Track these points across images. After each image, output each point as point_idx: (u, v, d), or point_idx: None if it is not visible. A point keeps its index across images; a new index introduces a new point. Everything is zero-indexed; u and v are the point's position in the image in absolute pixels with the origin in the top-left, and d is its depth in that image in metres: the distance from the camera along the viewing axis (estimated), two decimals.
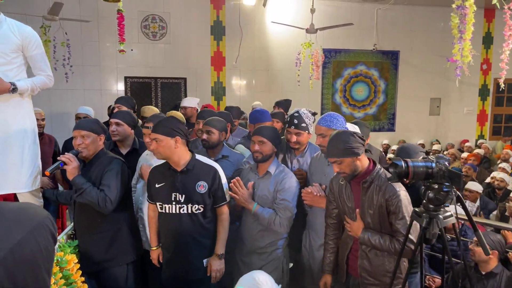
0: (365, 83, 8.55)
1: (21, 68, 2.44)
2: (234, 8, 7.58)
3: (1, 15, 2.38)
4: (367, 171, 2.01)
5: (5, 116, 2.38)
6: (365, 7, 8.12)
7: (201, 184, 2.33)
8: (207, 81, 7.67)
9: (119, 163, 2.39)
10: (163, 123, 2.28)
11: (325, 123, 2.39)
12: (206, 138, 2.79)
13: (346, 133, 1.96)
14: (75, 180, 2.25)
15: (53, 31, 5.99)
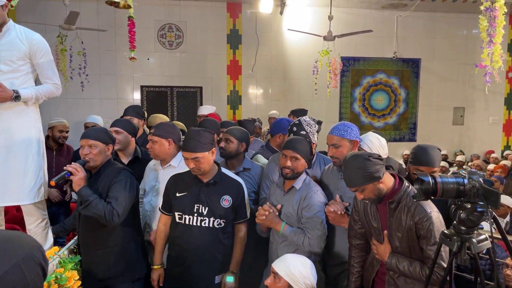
0: (385, 92, 8.31)
1: (28, 76, 2.39)
2: (250, 16, 7.51)
3: (10, 22, 2.34)
4: (393, 190, 1.83)
5: (9, 124, 2.32)
6: (384, 14, 7.92)
7: (226, 198, 2.26)
8: (223, 90, 7.59)
9: (128, 174, 2.28)
10: (198, 139, 2.20)
11: (338, 132, 2.25)
12: (224, 147, 2.68)
13: (361, 158, 1.79)
14: (81, 191, 2.15)
15: (69, 40, 6.02)
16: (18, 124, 2.34)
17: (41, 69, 2.41)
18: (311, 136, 2.52)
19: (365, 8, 7.76)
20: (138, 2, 7.05)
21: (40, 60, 2.37)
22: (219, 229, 2.25)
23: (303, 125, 2.52)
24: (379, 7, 7.71)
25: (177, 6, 7.25)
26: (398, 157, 8.22)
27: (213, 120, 3.03)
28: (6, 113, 2.32)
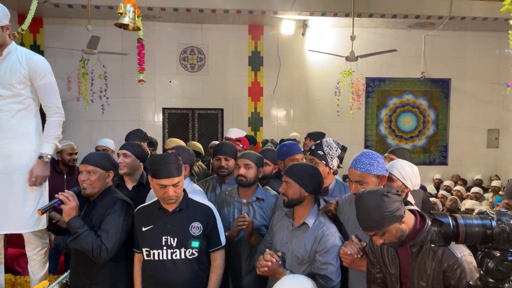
0: (413, 113, 7.98)
1: (29, 100, 2.33)
2: (272, 38, 7.46)
3: (12, 44, 2.30)
4: (415, 231, 1.58)
5: (10, 149, 2.26)
6: (411, 34, 7.69)
7: (195, 225, 2.07)
8: (244, 112, 7.51)
9: (123, 205, 2.15)
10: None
11: (363, 167, 1.94)
12: (244, 173, 2.42)
13: (377, 194, 1.56)
14: (71, 222, 2.03)
15: (91, 64, 6.12)
16: (20, 149, 2.29)
17: (41, 91, 2.34)
18: (328, 159, 2.31)
19: (391, 28, 7.56)
20: (161, 26, 7.18)
21: (40, 82, 2.30)
22: (194, 260, 2.06)
23: (322, 146, 2.33)
24: (405, 27, 7.49)
25: (199, 30, 7.30)
26: (428, 181, 7.82)
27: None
28: (8, 138, 2.27)
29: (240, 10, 6.60)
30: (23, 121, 2.30)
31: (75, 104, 6.56)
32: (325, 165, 2.30)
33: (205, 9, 6.51)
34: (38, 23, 6.77)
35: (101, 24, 6.73)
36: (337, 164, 2.38)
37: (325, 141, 2.36)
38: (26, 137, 2.31)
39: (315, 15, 6.77)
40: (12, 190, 2.25)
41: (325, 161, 2.30)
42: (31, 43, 6.80)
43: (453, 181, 7.50)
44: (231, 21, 7.14)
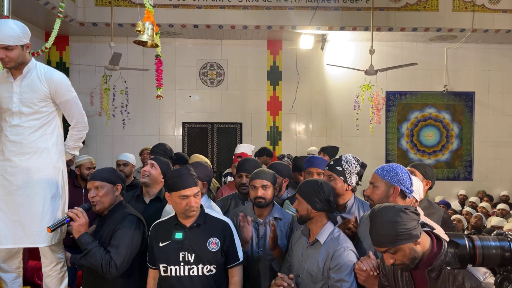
0: (436, 127, 7.81)
1: (50, 116, 2.37)
2: (291, 53, 7.49)
3: (31, 61, 2.34)
4: (432, 254, 1.51)
5: (29, 164, 2.30)
6: (432, 47, 7.58)
7: (213, 241, 2.05)
8: (262, 126, 7.52)
9: (133, 220, 2.14)
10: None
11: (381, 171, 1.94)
12: (263, 195, 2.37)
13: (394, 209, 1.51)
14: (80, 239, 2.05)
15: (113, 80, 6.28)
16: (39, 164, 2.31)
17: (64, 108, 2.40)
18: (347, 176, 2.24)
19: (411, 41, 7.47)
20: (181, 42, 7.33)
21: (62, 99, 2.35)
22: (211, 277, 2.03)
23: (341, 161, 2.26)
24: (426, 40, 7.39)
25: (219, 45, 7.41)
26: (453, 197, 7.59)
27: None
28: (28, 154, 2.30)
29: (259, 26, 6.67)
30: (43, 137, 2.34)
31: (97, 119, 6.73)
32: (343, 181, 2.25)
33: (225, 25, 6.61)
34: (64, 41, 7.03)
35: (124, 41, 6.93)
36: (356, 181, 2.32)
37: (344, 157, 2.30)
38: (45, 152, 2.34)
39: (334, 29, 6.78)
40: (30, 204, 2.28)
41: (343, 177, 2.24)
42: (57, 60, 7.06)
43: (478, 197, 7.25)
44: (250, 36, 7.22)
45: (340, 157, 2.31)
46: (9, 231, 2.28)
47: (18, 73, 2.30)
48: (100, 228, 2.15)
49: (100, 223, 2.19)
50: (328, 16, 6.68)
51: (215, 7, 6.58)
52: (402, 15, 6.75)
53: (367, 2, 6.65)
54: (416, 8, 6.79)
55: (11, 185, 2.29)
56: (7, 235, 2.28)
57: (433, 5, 6.83)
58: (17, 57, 2.23)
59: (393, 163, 2.01)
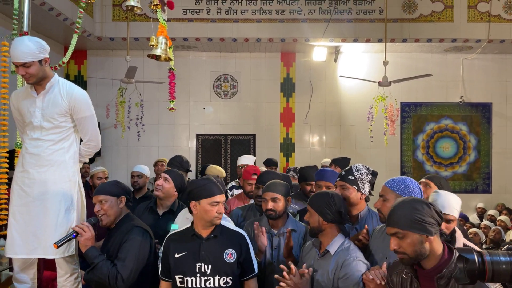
0: (452, 139, 7.68)
1: (69, 131, 2.43)
2: (304, 64, 7.52)
3: (54, 77, 2.41)
4: (442, 261, 1.50)
5: (45, 177, 2.35)
6: (447, 58, 7.50)
7: (229, 252, 2.06)
8: (276, 137, 7.53)
9: (139, 232, 2.15)
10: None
11: (391, 184, 1.95)
12: (273, 207, 2.38)
13: (421, 201, 1.53)
14: (87, 253, 2.08)
15: (129, 92, 6.40)
16: (55, 176, 2.36)
17: (79, 124, 2.45)
18: (360, 184, 2.25)
19: (426, 52, 7.42)
20: (196, 56, 7.44)
21: (79, 116, 2.40)
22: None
23: (353, 171, 2.28)
24: (441, 51, 7.33)
25: (233, 58, 7.50)
26: (471, 210, 7.41)
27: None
28: (45, 166, 2.36)
29: (272, 39, 6.73)
30: (60, 150, 2.39)
31: (112, 131, 6.85)
32: (356, 190, 2.25)
33: (238, 38, 6.70)
34: (82, 55, 7.22)
35: (139, 54, 7.07)
36: (369, 190, 2.32)
37: (355, 166, 2.32)
38: (62, 165, 2.39)
39: (347, 41, 6.79)
40: (46, 216, 2.32)
41: (356, 186, 2.25)
42: (75, 74, 7.24)
43: (497, 210, 7.06)
44: (263, 49, 7.28)
45: (351, 167, 2.33)
46: (23, 242, 2.33)
47: (41, 89, 2.37)
48: (108, 241, 2.18)
49: (108, 237, 2.22)
50: (341, 28, 6.70)
51: (229, 20, 6.68)
52: (416, 26, 6.72)
53: (380, 14, 6.65)
54: (430, 19, 6.75)
55: (28, 196, 2.35)
56: (21, 245, 2.33)
57: (447, 16, 6.79)
58: (37, 73, 2.30)
59: (403, 176, 2.01)
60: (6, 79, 3.10)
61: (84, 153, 2.54)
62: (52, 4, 5.09)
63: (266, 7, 6.72)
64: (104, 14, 6.61)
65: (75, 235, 2.11)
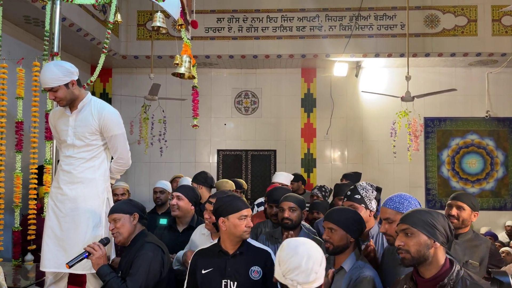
0: (479, 154, 7.47)
1: (100, 149, 2.50)
2: (325, 80, 7.52)
3: (87, 96, 2.48)
4: (443, 270, 1.50)
5: (76, 194, 2.41)
6: (472, 72, 7.36)
7: (255, 269, 2.05)
8: (297, 153, 7.50)
9: (150, 247, 2.16)
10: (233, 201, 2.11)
11: (393, 205, 1.95)
12: (289, 216, 2.47)
13: (439, 212, 1.59)
14: (99, 271, 2.11)
15: (152, 109, 6.53)
16: (85, 194, 2.42)
17: (109, 142, 2.50)
18: (367, 202, 2.28)
19: (449, 66, 7.31)
20: (217, 72, 7.55)
21: (109, 134, 2.46)
22: None
23: (358, 189, 2.31)
24: (465, 65, 7.21)
25: (253, 74, 7.57)
26: (500, 228, 7.14)
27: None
28: (76, 184, 2.42)
29: (293, 55, 6.77)
30: (91, 168, 2.46)
31: (136, 147, 6.97)
32: (365, 208, 2.27)
33: (259, 55, 6.77)
34: (108, 73, 7.43)
35: (163, 72, 7.23)
36: (376, 207, 2.34)
37: (359, 185, 2.36)
38: (92, 183, 2.44)
39: (369, 56, 6.77)
40: (75, 232, 2.38)
41: (364, 204, 2.27)
42: (101, 91, 7.45)
43: None
44: (284, 65, 7.33)
45: (355, 186, 2.36)
46: (52, 256, 2.39)
47: (74, 108, 2.46)
48: (122, 259, 2.20)
49: (123, 254, 2.24)
50: (362, 43, 6.69)
51: (250, 38, 6.77)
52: (439, 40, 6.65)
53: (402, 29, 6.62)
54: (453, 33, 6.67)
55: (60, 211, 2.42)
56: (50, 259, 2.40)
57: (471, 30, 6.69)
58: (64, 96, 2.39)
59: (399, 193, 2.01)
60: (37, 97, 3.23)
61: (114, 170, 2.59)
62: (80, 25, 5.29)
63: (286, 24, 6.79)
64: (129, 34, 6.81)
65: (86, 255, 2.13)
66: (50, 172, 2.99)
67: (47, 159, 3.01)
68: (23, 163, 3.32)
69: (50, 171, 2.97)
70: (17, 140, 3.20)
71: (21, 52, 4.90)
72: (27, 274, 3.21)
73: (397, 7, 6.69)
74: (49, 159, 3.00)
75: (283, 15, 6.80)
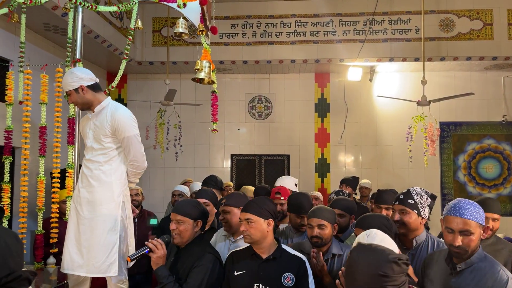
0: (496, 159, 7.37)
1: (115, 152, 2.48)
2: (339, 85, 7.51)
3: (105, 100, 2.51)
4: None
5: (93, 197, 2.42)
6: (488, 76, 7.29)
7: (287, 276, 2.02)
8: (310, 158, 7.48)
9: (211, 259, 2.12)
10: (257, 203, 2.11)
11: (472, 215, 1.73)
12: (319, 234, 2.30)
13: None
14: (157, 271, 2.09)
15: (168, 114, 6.59)
16: (101, 197, 2.42)
17: (122, 144, 2.48)
18: (420, 208, 2.17)
19: (465, 70, 7.25)
20: (231, 78, 7.59)
21: (121, 136, 2.44)
22: None
23: (412, 194, 2.20)
24: (481, 69, 7.14)
25: (267, 80, 7.60)
26: None
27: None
28: (93, 187, 2.43)
29: (306, 60, 6.78)
30: (107, 171, 2.45)
31: (151, 152, 7.03)
32: (417, 214, 2.16)
33: (273, 60, 6.80)
34: (123, 79, 7.52)
35: (177, 77, 7.30)
36: (428, 215, 2.24)
37: (413, 190, 2.25)
38: (108, 186, 2.44)
39: (383, 61, 6.74)
40: (91, 235, 2.38)
41: (417, 211, 2.16)
42: (116, 97, 7.54)
43: None
44: (297, 70, 7.35)
45: (409, 190, 2.25)
46: (70, 258, 2.40)
47: (93, 112, 2.50)
48: (177, 261, 2.17)
49: (178, 255, 2.21)
50: (376, 48, 6.67)
51: (263, 43, 6.81)
52: (454, 44, 6.60)
53: (416, 33, 6.60)
54: (469, 37, 6.62)
55: (79, 214, 2.45)
56: (69, 261, 2.41)
57: (487, 34, 6.64)
58: (75, 100, 2.47)
59: (465, 200, 1.82)
60: (60, 103, 3.29)
61: (130, 173, 2.56)
62: (98, 32, 5.38)
63: (300, 29, 6.81)
64: (145, 40, 6.90)
65: (148, 251, 2.11)
66: (72, 176, 3.03)
67: (69, 164, 3.06)
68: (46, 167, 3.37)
69: (72, 175, 3.01)
70: (41, 144, 3.25)
71: (40, 59, 4.99)
72: (49, 277, 3.25)
73: (411, 11, 6.67)
74: (71, 163, 3.04)
75: (297, 20, 6.82)
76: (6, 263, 1.20)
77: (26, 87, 3.26)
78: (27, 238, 3.30)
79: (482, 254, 1.77)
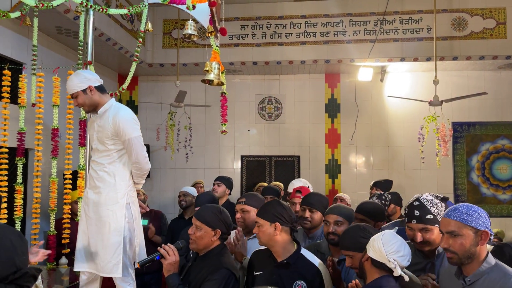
0: (510, 160, 7.23)
1: (120, 153, 2.48)
2: (349, 85, 7.46)
3: (109, 102, 2.50)
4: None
5: (98, 198, 2.44)
6: (501, 75, 7.17)
7: (299, 283, 1.97)
8: (321, 159, 7.44)
9: (225, 274, 2.02)
10: (265, 206, 2.11)
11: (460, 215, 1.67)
12: (335, 231, 2.28)
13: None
14: (168, 279, 2.05)
15: (178, 116, 6.61)
16: (105, 198, 2.42)
17: (124, 145, 2.46)
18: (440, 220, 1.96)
19: (478, 69, 7.14)
20: (241, 79, 7.60)
21: (123, 138, 2.42)
22: None
23: (427, 207, 1.99)
24: (495, 68, 7.02)
25: (277, 80, 7.58)
26: None
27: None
28: (98, 188, 2.45)
29: (316, 60, 6.75)
30: (111, 173, 2.45)
31: (162, 153, 7.08)
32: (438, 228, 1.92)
33: (283, 61, 6.78)
34: (134, 81, 7.58)
35: (187, 79, 7.33)
36: None
37: (426, 201, 2.02)
38: (112, 187, 2.44)
39: (394, 61, 6.68)
40: (96, 236, 2.41)
41: (438, 224, 1.94)
42: (127, 99, 7.61)
43: None
44: (307, 70, 7.32)
45: (421, 202, 2.03)
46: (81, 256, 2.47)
47: (97, 114, 2.51)
48: (192, 269, 2.14)
49: (193, 264, 2.17)
50: (387, 48, 6.61)
51: (273, 44, 6.80)
52: (467, 43, 6.51)
53: (428, 33, 6.52)
54: (482, 36, 6.52)
55: (87, 215, 2.48)
56: (78, 259, 2.48)
57: (500, 33, 6.53)
58: (83, 102, 2.46)
59: (462, 203, 1.77)
60: (72, 105, 3.33)
61: (134, 175, 2.54)
62: (109, 34, 5.43)
63: (310, 30, 6.78)
64: (155, 42, 6.94)
65: (159, 257, 2.06)
66: (83, 178, 3.06)
67: (80, 165, 3.09)
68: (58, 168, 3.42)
69: (84, 177, 3.04)
70: (53, 146, 3.29)
71: (53, 62, 5.06)
72: (61, 278, 3.29)
73: (423, 10, 6.59)
74: (83, 164, 3.08)
75: (307, 21, 6.80)
76: (12, 261, 1.24)
77: (39, 89, 3.31)
78: (40, 239, 3.33)
79: (491, 262, 1.68)
